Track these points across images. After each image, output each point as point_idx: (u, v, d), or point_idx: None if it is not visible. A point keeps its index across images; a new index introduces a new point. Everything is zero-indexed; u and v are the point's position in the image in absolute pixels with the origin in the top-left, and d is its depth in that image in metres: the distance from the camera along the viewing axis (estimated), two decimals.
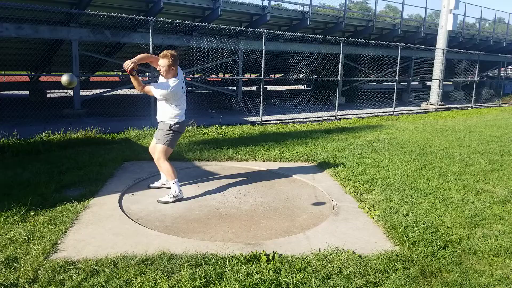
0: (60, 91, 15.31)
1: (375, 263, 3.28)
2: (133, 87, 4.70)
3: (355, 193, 5.08)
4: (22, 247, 3.34)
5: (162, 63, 4.50)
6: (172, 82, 4.55)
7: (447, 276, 3.16)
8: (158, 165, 4.78)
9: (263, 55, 10.57)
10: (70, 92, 13.10)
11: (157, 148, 4.72)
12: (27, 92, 14.50)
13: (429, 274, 3.19)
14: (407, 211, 4.44)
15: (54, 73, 14.10)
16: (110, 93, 12.18)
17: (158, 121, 4.79)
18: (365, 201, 4.82)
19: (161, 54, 4.51)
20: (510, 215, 4.53)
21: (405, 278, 3.08)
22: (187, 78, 14.94)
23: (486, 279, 3.14)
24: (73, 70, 9.89)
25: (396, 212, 4.42)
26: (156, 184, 5.11)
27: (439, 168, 6.48)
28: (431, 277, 3.16)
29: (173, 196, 4.63)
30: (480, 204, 4.79)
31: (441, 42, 16.49)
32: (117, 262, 3.14)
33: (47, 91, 14.61)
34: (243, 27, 13.04)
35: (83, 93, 11.89)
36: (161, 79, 4.64)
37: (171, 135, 4.69)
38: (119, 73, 16.59)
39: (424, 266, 3.28)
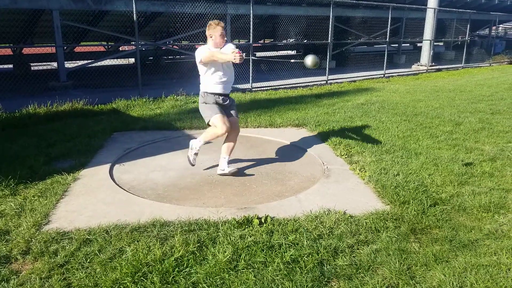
0: (44, 63, 14.96)
1: (366, 223, 3.32)
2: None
3: (346, 156, 5.10)
4: (13, 220, 3.32)
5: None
6: None
7: (437, 233, 3.22)
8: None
9: (251, 20, 10.34)
10: (54, 64, 12.81)
11: (237, 121, 4.58)
12: (11, 66, 14.16)
13: (419, 231, 3.24)
14: (397, 171, 4.47)
15: (37, 44, 13.72)
16: (96, 64, 11.94)
17: (227, 95, 4.51)
18: (356, 163, 4.84)
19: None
20: (499, 172, 4.58)
21: (396, 236, 3.12)
22: (174, 46, 14.66)
23: (475, 234, 3.20)
24: (56, 40, 9.62)
25: (387, 172, 4.45)
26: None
27: (429, 128, 6.50)
28: (421, 234, 3.21)
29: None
30: (469, 162, 4.84)
31: (432, 1, 16.22)
32: (110, 231, 3.15)
33: (31, 64, 14.28)
34: None
35: (68, 64, 11.63)
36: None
37: None
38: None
39: (415, 224, 3.33)
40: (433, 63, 17.06)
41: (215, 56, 4.10)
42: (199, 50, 4.25)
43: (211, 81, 4.35)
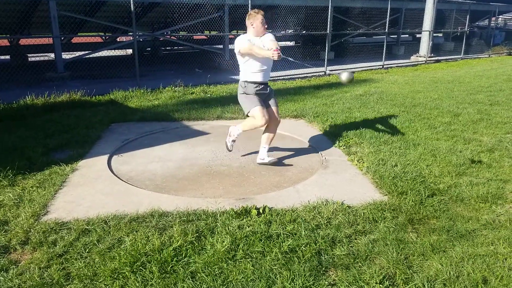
0: (41, 54, 14.87)
1: (363, 213, 3.33)
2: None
3: (344, 147, 5.10)
4: (12, 210, 3.33)
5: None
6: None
7: (434, 223, 3.23)
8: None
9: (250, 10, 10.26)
10: (52, 55, 12.73)
11: (277, 111, 4.55)
12: (8, 57, 14.07)
13: (417, 222, 3.25)
14: (395, 162, 4.48)
15: (34, 35, 13.63)
16: (94, 55, 11.87)
17: (266, 84, 4.43)
18: (354, 154, 4.85)
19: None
20: (497, 162, 4.60)
21: (394, 226, 3.14)
22: (172, 37, 14.56)
23: (472, 224, 3.22)
24: (53, 31, 9.56)
25: (385, 163, 4.46)
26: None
27: (428, 119, 6.50)
28: (419, 224, 3.22)
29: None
30: (468, 153, 4.85)
31: None
32: (108, 221, 3.15)
33: (29, 54, 14.19)
34: None
35: (65, 55, 11.55)
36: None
37: None
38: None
39: (412, 214, 3.34)
40: (432, 54, 17.01)
41: (253, 50, 4.09)
42: (238, 40, 4.24)
43: (251, 70, 4.31)
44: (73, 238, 2.91)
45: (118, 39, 15.52)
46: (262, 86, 4.36)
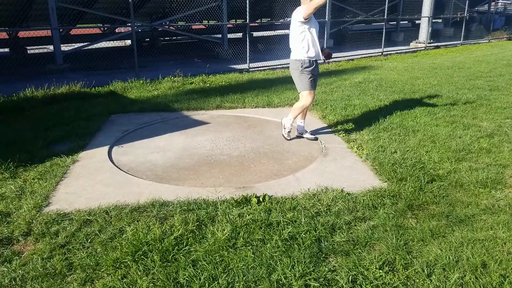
0: (40, 46, 14.81)
1: (363, 200, 3.35)
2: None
3: (344, 134, 5.11)
4: (14, 202, 3.35)
5: None
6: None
7: (434, 209, 3.25)
8: None
9: None
10: (51, 47, 12.69)
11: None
12: (7, 50, 14.02)
13: (416, 208, 3.27)
14: (395, 149, 4.49)
15: (33, 27, 13.55)
16: (93, 46, 11.83)
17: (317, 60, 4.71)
18: (353, 141, 4.86)
19: None
20: (497, 148, 4.60)
21: (393, 212, 3.16)
22: (170, 27, 14.48)
23: (472, 209, 3.24)
24: (51, 23, 9.51)
25: (384, 150, 4.47)
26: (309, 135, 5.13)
27: (427, 105, 6.48)
28: (419, 210, 3.24)
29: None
30: (467, 139, 4.85)
31: None
32: (110, 211, 3.18)
33: (28, 47, 14.13)
34: None
35: (64, 47, 11.51)
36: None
37: None
38: None
39: (412, 200, 3.36)
40: (431, 40, 16.91)
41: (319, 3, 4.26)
42: (297, 11, 4.47)
43: (308, 45, 4.53)
44: (75, 229, 2.93)
45: (116, 30, 15.44)
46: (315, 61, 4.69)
